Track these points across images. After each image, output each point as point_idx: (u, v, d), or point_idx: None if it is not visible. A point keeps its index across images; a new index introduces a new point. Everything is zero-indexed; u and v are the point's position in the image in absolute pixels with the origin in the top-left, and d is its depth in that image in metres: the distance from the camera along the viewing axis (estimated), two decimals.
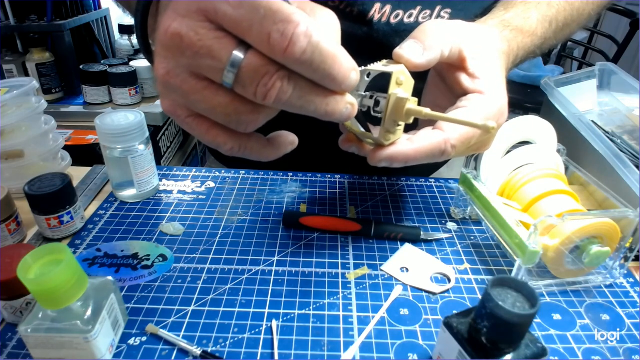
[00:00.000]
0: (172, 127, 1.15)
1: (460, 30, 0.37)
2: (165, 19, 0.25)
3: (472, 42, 0.37)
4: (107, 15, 1.30)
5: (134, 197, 0.53)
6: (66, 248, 0.31)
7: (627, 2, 1.91)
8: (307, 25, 0.23)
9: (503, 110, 0.37)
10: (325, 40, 0.24)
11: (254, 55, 0.24)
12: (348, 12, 0.47)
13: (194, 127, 0.28)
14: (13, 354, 0.35)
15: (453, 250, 0.47)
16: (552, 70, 1.77)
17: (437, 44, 0.34)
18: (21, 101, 0.53)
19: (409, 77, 0.33)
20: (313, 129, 0.58)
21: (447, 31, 0.36)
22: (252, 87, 0.25)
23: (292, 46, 0.23)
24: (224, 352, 0.35)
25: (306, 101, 0.26)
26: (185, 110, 0.28)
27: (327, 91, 0.26)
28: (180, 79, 0.26)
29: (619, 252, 0.41)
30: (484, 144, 0.38)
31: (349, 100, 0.28)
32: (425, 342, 0.36)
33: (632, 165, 0.49)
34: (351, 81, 0.26)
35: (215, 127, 0.28)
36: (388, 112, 0.33)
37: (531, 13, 0.45)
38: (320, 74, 0.25)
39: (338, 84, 0.26)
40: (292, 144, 0.32)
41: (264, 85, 0.24)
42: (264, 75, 0.24)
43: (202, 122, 0.28)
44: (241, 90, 0.25)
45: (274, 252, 0.46)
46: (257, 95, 0.25)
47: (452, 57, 0.36)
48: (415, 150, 0.33)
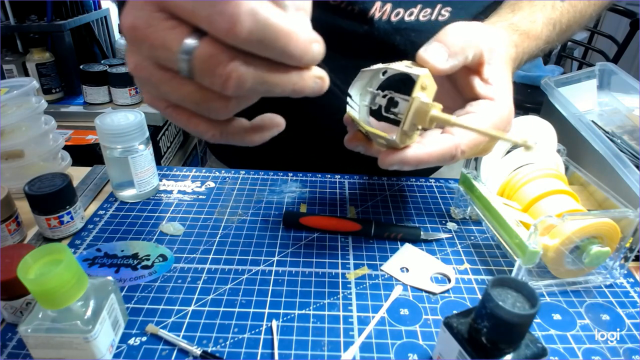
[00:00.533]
0: (172, 127, 1.15)
1: (481, 34, 0.37)
2: (124, 14, 0.25)
3: (491, 47, 0.37)
4: (107, 15, 1.30)
5: (134, 197, 0.53)
6: (66, 248, 0.31)
7: (627, 2, 1.91)
8: (250, 3, 0.22)
9: (510, 118, 0.37)
10: (274, 16, 0.22)
11: (207, 43, 0.23)
12: (349, 10, 0.48)
13: (175, 118, 0.28)
14: (13, 354, 0.35)
15: (453, 250, 0.47)
16: (552, 70, 1.77)
17: (461, 50, 0.34)
18: (21, 101, 0.53)
19: (433, 83, 0.33)
20: (313, 128, 0.58)
21: (471, 35, 0.36)
22: (208, 78, 0.24)
23: (238, 27, 0.22)
24: (224, 352, 0.35)
25: (270, 84, 0.25)
26: (162, 101, 0.28)
27: (290, 68, 0.25)
28: (148, 71, 0.26)
29: (619, 252, 0.41)
30: (486, 149, 0.38)
31: (316, 74, 0.26)
32: (425, 342, 0.36)
33: (632, 165, 0.49)
34: (313, 54, 0.25)
35: (195, 116, 0.27)
36: (410, 116, 0.32)
37: (537, 16, 0.45)
38: (277, 52, 0.24)
39: (297, 59, 0.24)
40: (277, 125, 0.31)
41: (220, 76, 0.23)
42: (218, 65, 0.23)
43: (180, 112, 0.28)
44: (199, 79, 0.24)
45: (274, 252, 0.46)
46: (214, 85, 0.24)
47: (473, 62, 0.36)
48: (428, 155, 0.33)
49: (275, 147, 0.63)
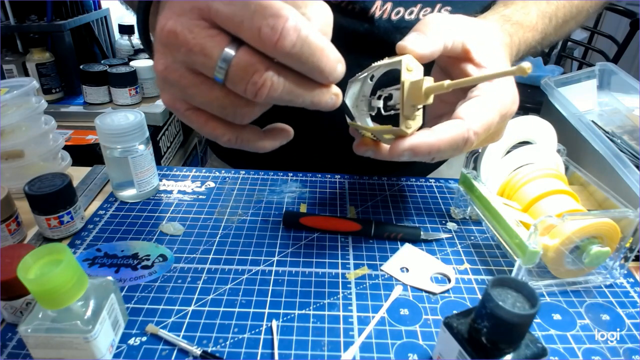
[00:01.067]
0: (172, 127, 1.15)
1: (462, 24, 0.37)
2: (163, 18, 0.26)
3: (475, 34, 0.37)
4: (107, 15, 1.30)
5: (134, 197, 0.53)
6: (66, 248, 0.31)
7: (627, 2, 1.91)
8: (296, 19, 0.24)
9: (515, 96, 0.36)
10: (313, 34, 0.25)
11: (245, 52, 0.25)
12: (350, 9, 0.48)
13: (193, 120, 0.29)
14: (13, 354, 0.35)
15: (453, 250, 0.47)
16: (552, 70, 1.77)
17: (440, 36, 0.35)
18: (21, 101, 0.53)
19: (418, 64, 0.33)
20: (314, 128, 0.58)
21: (449, 24, 0.36)
22: (242, 85, 0.25)
23: (282, 40, 0.24)
24: (224, 352, 0.35)
25: (295, 95, 0.27)
26: (184, 103, 0.29)
27: (315, 84, 0.27)
28: (178, 74, 0.27)
29: (619, 252, 0.41)
30: (497, 132, 0.38)
31: (334, 91, 0.29)
32: (425, 342, 0.36)
33: (632, 165, 0.49)
34: (338, 73, 0.27)
35: (213, 120, 0.29)
36: (405, 98, 0.32)
37: (531, 9, 0.45)
38: (309, 67, 0.26)
39: (326, 76, 0.26)
40: (287, 135, 0.33)
41: (254, 84, 0.25)
42: (254, 74, 0.25)
43: (200, 114, 0.29)
44: (232, 86, 0.26)
45: (274, 252, 0.46)
46: (247, 92, 0.26)
47: (455, 49, 0.36)
48: (439, 140, 0.32)
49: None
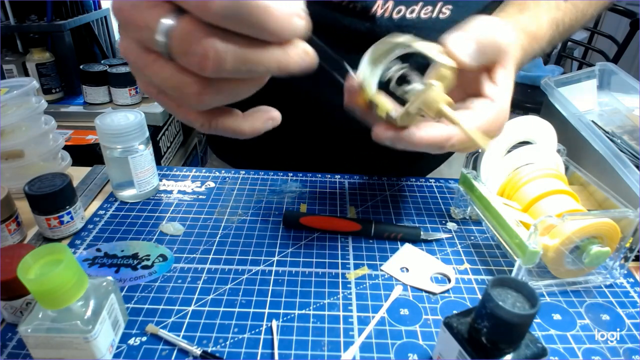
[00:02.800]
0: (172, 127, 1.15)
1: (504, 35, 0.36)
2: None
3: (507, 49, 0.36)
4: (107, 15, 1.30)
5: (134, 197, 0.53)
6: (66, 248, 0.31)
7: (627, 2, 1.91)
8: None
9: (505, 120, 0.36)
10: None
11: (185, 21, 0.23)
12: (351, 8, 0.48)
13: (165, 105, 0.28)
14: (13, 354, 0.35)
15: (453, 250, 0.47)
16: (552, 70, 1.77)
17: (491, 49, 0.34)
18: (21, 101, 0.53)
19: (452, 78, 0.32)
20: (314, 128, 0.58)
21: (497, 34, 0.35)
22: (185, 56, 0.23)
23: (210, 2, 0.21)
24: (224, 352, 0.35)
25: (251, 62, 0.24)
26: (154, 87, 0.27)
27: (272, 45, 0.24)
28: (135, 54, 0.25)
29: (619, 252, 0.41)
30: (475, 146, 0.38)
31: (302, 49, 0.25)
32: (425, 342, 0.36)
33: (632, 165, 0.49)
34: (292, 27, 0.24)
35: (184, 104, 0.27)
36: (419, 100, 0.31)
37: (542, 16, 0.45)
38: (254, 28, 0.23)
39: (277, 34, 0.23)
40: (272, 119, 0.30)
41: (195, 54, 0.23)
42: (194, 42, 0.23)
43: (168, 98, 0.27)
44: (178, 60, 0.24)
45: (274, 252, 0.46)
46: (191, 64, 0.24)
47: (490, 61, 0.36)
48: (420, 138, 0.32)
49: (276, 147, 0.63)
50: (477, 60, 0.33)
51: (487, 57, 0.34)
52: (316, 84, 0.47)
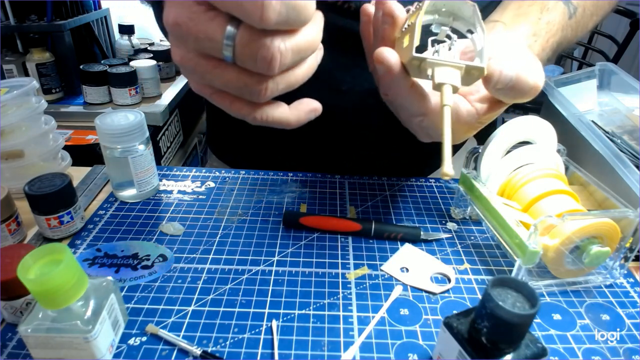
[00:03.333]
0: (172, 127, 1.15)
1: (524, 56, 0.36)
2: (166, 11, 0.27)
3: None
4: (107, 15, 1.30)
5: (134, 197, 0.53)
6: (66, 248, 0.31)
7: (627, 2, 1.91)
8: None
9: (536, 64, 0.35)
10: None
11: (245, 28, 0.25)
12: (346, 8, 0.48)
13: (220, 102, 0.30)
14: (13, 354, 0.35)
15: (453, 250, 0.47)
16: (552, 70, 1.78)
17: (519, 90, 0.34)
18: (21, 101, 0.53)
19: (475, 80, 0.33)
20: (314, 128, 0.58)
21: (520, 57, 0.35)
22: (251, 61, 0.26)
23: (266, 13, 0.24)
24: (224, 352, 0.35)
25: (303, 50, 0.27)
26: (209, 88, 0.30)
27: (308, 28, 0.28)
28: (193, 62, 0.28)
29: (619, 252, 0.41)
30: None
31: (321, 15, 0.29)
32: (425, 342, 0.36)
33: (632, 165, 0.49)
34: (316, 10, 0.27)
35: (238, 100, 0.30)
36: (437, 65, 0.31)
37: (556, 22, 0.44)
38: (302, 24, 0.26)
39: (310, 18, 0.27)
40: (314, 110, 0.32)
41: (263, 59, 0.25)
42: (259, 49, 0.25)
43: (225, 97, 0.30)
44: (242, 64, 0.26)
45: (274, 252, 0.46)
46: (258, 68, 0.26)
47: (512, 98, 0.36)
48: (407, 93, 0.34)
49: (276, 147, 0.63)
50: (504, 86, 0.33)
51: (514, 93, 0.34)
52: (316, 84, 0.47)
